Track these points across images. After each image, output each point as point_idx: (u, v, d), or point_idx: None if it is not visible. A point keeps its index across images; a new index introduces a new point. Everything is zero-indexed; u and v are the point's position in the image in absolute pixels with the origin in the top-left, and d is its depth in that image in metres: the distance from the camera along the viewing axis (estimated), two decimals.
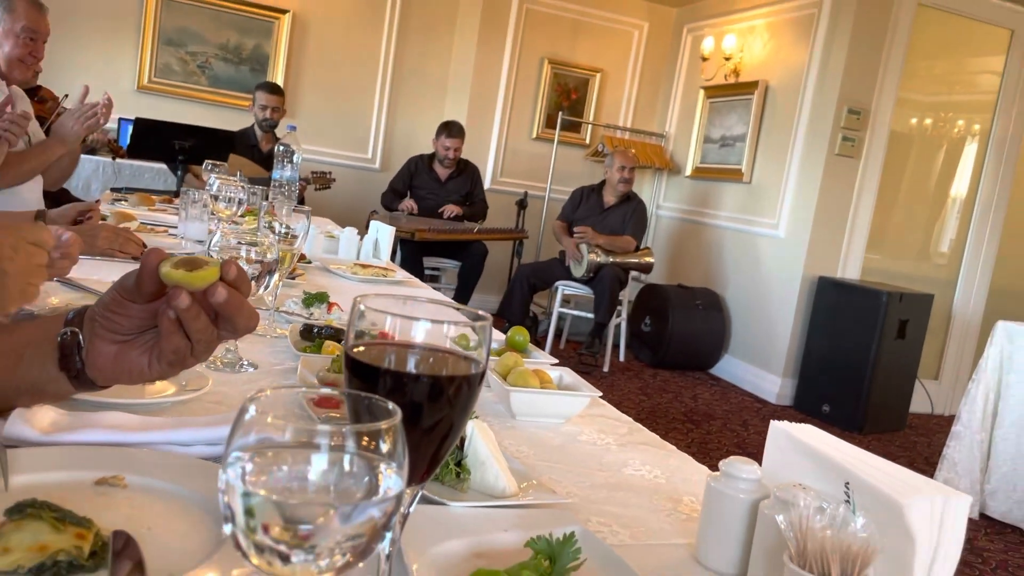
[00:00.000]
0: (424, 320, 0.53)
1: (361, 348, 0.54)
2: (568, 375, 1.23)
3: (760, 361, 5.00)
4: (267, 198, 2.73)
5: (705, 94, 5.78)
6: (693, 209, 5.84)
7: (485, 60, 5.86)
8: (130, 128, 3.85)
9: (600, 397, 1.19)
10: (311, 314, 1.53)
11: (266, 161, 4.35)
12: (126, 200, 3.09)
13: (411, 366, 0.53)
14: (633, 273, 5.14)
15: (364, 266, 2.15)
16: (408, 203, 5.04)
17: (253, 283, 1.11)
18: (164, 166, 4.39)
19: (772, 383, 4.87)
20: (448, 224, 4.98)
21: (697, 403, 4.53)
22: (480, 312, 0.57)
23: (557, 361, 1.34)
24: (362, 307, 0.54)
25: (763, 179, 5.17)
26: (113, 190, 3.57)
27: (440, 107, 5.92)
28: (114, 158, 4.52)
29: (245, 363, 1.17)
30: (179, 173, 3.66)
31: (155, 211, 2.93)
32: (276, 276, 1.33)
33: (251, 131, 4.67)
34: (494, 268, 5.81)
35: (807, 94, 4.85)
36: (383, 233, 2.49)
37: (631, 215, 4.96)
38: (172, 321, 0.64)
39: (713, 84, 5.68)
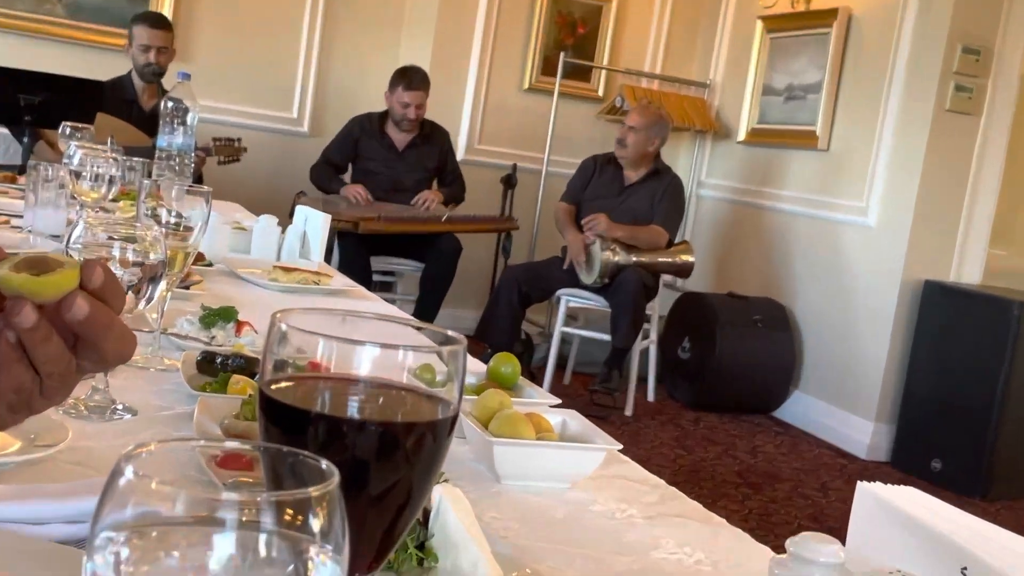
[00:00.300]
0: (371, 345, 0.53)
1: (283, 384, 0.54)
2: (575, 420, 1.23)
3: (843, 400, 5.02)
4: (150, 175, 2.74)
5: (764, 27, 5.81)
6: (748, 187, 5.87)
7: None
8: None
9: (620, 451, 1.19)
10: (212, 337, 1.54)
11: (149, 123, 4.35)
12: None
13: (353, 409, 0.53)
14: (666, 278, 5.15)
15: (287, 269, 2.16)
16: (356, 190, 5.03)
17: (129, 294, 1.11)
18: (4, 130, 4.36)
19: (860, 430, 4.90)
20: (405, 210, 4.98)
21: (756, 459, 4.54)
22: (450, 333, 0.58)
23: (559, 401, 1.34)
24: (283, 327, 0.54)
25: (845, 145, 5.20)
26: None
27: (394, 48, 5.93)
28: None
29: (119, 407, 1.17)
30: (26, 140, 3.64)
31: None
32: (163, 284, 1.33)
33: (127, 81, 4.66)
34: (471, 271, 5.80)
35: (906, 27, 4.89)
36: (314, 223, 2.50)
37: (662, 196, 4.98)
38: (11, 347, 0.63)
39: (775, 12, 5.71)
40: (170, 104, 2.71)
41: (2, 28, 5.23)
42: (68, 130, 2.77)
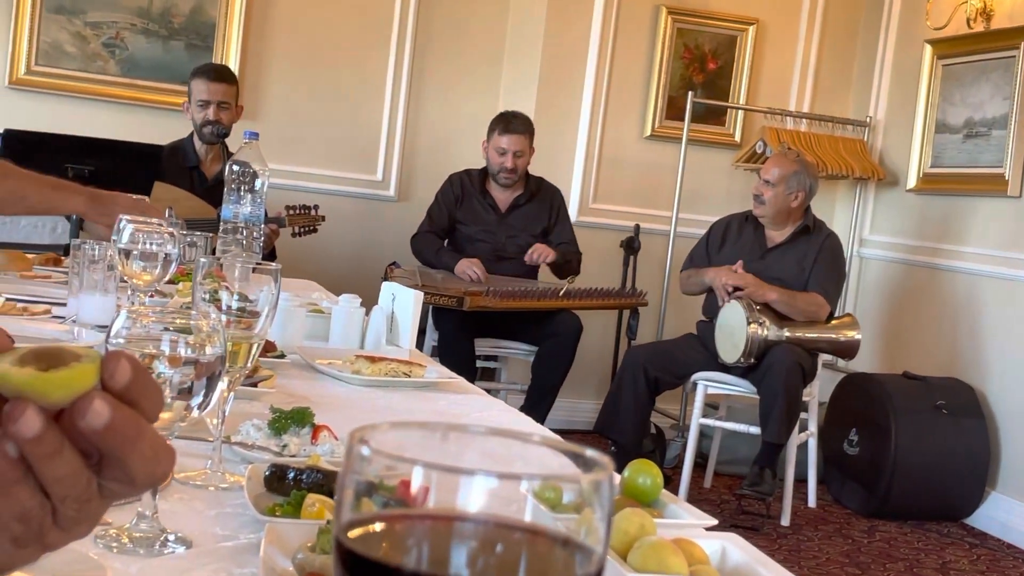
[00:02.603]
0: (485, 475, 0.48)
1: (366, 529, 0.49)
2: (736, 547, 1.19)
3: None
4: (214, 251, 2.75)
5: (934, 52, 5.74)
6: (922, 244, 5.76)
7: (562, 13, 5.92)
8: None
9: None
10: (284, 446, 1.51)
11: (214, 192, 4.43)
12: None
13: (460, 564, 0.48)
14: (825, 357, 5.06)
15: (372, 359, 2.13)
16: (471, 266, 4.99)
17: (175, 397, 1.07)
18: None
19: None
20: (516, 283, 4.95)
21: None
22: (590, 453, 0.52)
23: (715, 522, 1.29)
24: (364, 450, 0.49)
25: None
26: None
27: (492, 96, 5.98)
28: None
29: (170, 538, 1.14)
30: (74, 217, 3.72)
31: (32, 278, 2.97)
32: (224, 384, 1.29)
33: (188, 144, 4.77)
34: (589, 354, 5.75)
35: None
36: (403, 301, 2.48)
37: (816, 259, 4.88)
38: (11, 463, 0.59)
39: (947, 35, 5.65)
40: (235, 168, 2.73)
41: (48, 90, 5.43)
42: None
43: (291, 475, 1.29)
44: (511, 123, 5.12)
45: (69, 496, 0.60)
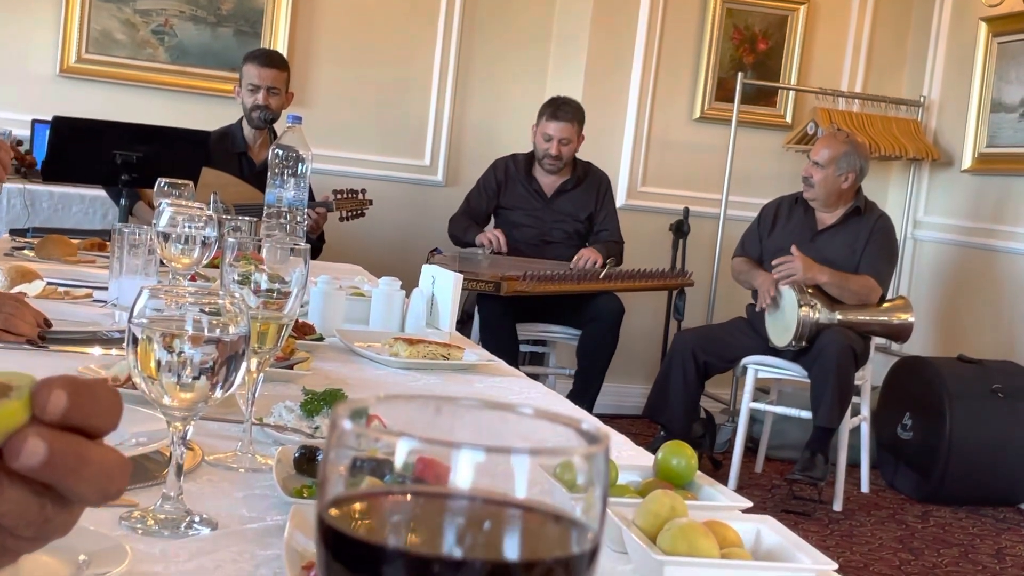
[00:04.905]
0: (470, 448, 0.46)
1: (349, 507, 0.48)
2: (771, 530, 1.16)
3: None
4: (258, 232, 2.75)
5: (989, 30, 5.68)
6: (977, 226, 5.71)
7: None
8: (47, 134, 4.00)
9: (839, 569, 1.11)
10: (316, 428, 1.51)
11: (262, 177, 4.43)
12: (31, 248, 3.18)
13: (449, 542, 0.46)
14: (878, 340, 5.02)
15: (411, 342, 2.12)
16: (492, 235, 5.04)
17: (203, 379, 1.06)
18: (101, 192, 4.52)
19: None
20: (555, 266, 4.94)
21: (1003, 563, 4.37)
22: (586, 425, 0.50)
23: (749, 504, 1.27)
24: (346, 424, 0.47)
25: None
26: (13, 233, 3.69)
27: (540, 80, 5.96)
28: (20, 172, 4.68)
29: (196, 520, 1.13)
30: (123, 202, 3.75)
31: (76, 263, 2.99)
32: (250, 364, 1.29)
33: (237, 130, 4.79)
34: (637, 339, 5.74)
35: None
36: (443, 284, 2.47)
37: (868, 240, 4.83)
38: None
39: (1003, 12, 5.59)
40: (279, 152, 2.73)
41: (99, 77, 5.48)
42: (164, 186, 2.81)
43: (320, 457, 1.28)
44: (559, 110, 5.09)
45: (19, 525, 0.59)
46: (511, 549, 0.46)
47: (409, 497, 0.47)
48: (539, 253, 5.08)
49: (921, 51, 6.19)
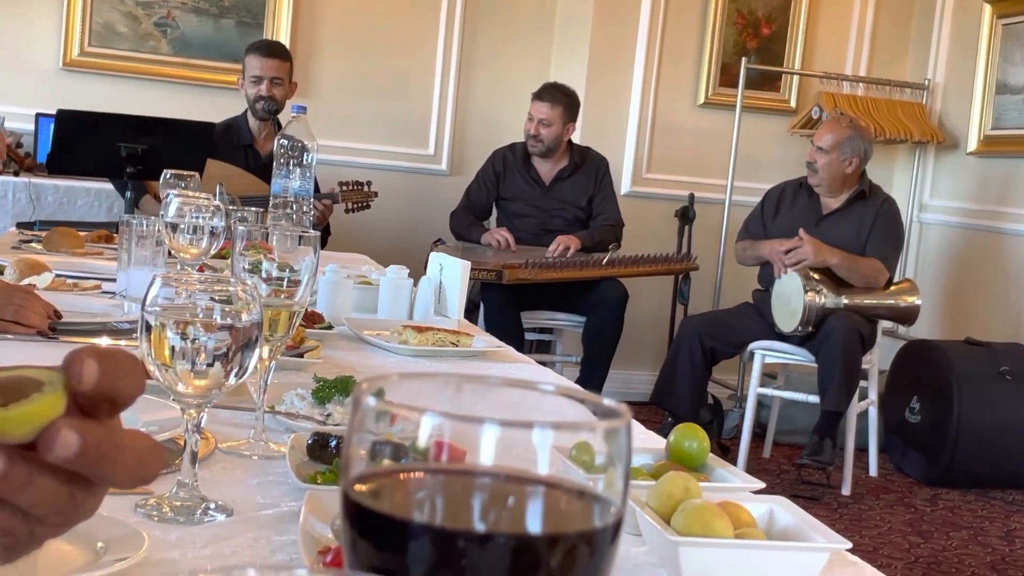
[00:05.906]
0: (493, 423, 0.47)
1: (374, 484, 0.48)
2: (784, 510, 1.17)
3: None
4: (264, 223, 2.76)
5: (994, 11, 5.69)
6: (983, 208, 5.71)
7: None
8: (51, 128, 4.00)
9: (849, 551, 1.12)
10: (328, 415, 1.51)
11: (267, 168, 4.44)
12: (38, 241, 3.19)
13: (474, 517, 0.47)
14: (885, 324, 5.02)
15: (420, 329, 2.13)
16: (498, 235, 5.03)
17: (217, 366, 1.07)
18: (108, 185, 4.53)
19: None
20: (560, 255, 4.95)
21: (1013, 546, 4.37)
22: (608, 402, 0.51)
23: (762, 485, 1.27)
24: (371, 401, 0.48)
25: None
26: (20, 226, 3.70)
27: (543, 66, 5.96)
28: (16, 173, 4.70)
29: (211, 506, 1.14)
30: (128, 194, 3.76)
31: (84, 256, 3.00)
32: (259, 351, 1.29)
33: (242, 122, 4.80)
34: (643, 325, 5.74)
35: None
36: (451, 273, 2.47)
37: (873, 224, 4.84)
38: None
39: None
40: (284, 143, 2.73)
41: (102, 70, 5.48)
42: (170, 177, 2.82)
43: (333, 443, 1.30)
44: (543, 91, 5.12)
45: (49, 513, 0.60)
46: (534, 524, 0.47)
47: (433, 473, 0.47)
48: (541, 242, 5.07)
49: (925, 34, 6.18)
